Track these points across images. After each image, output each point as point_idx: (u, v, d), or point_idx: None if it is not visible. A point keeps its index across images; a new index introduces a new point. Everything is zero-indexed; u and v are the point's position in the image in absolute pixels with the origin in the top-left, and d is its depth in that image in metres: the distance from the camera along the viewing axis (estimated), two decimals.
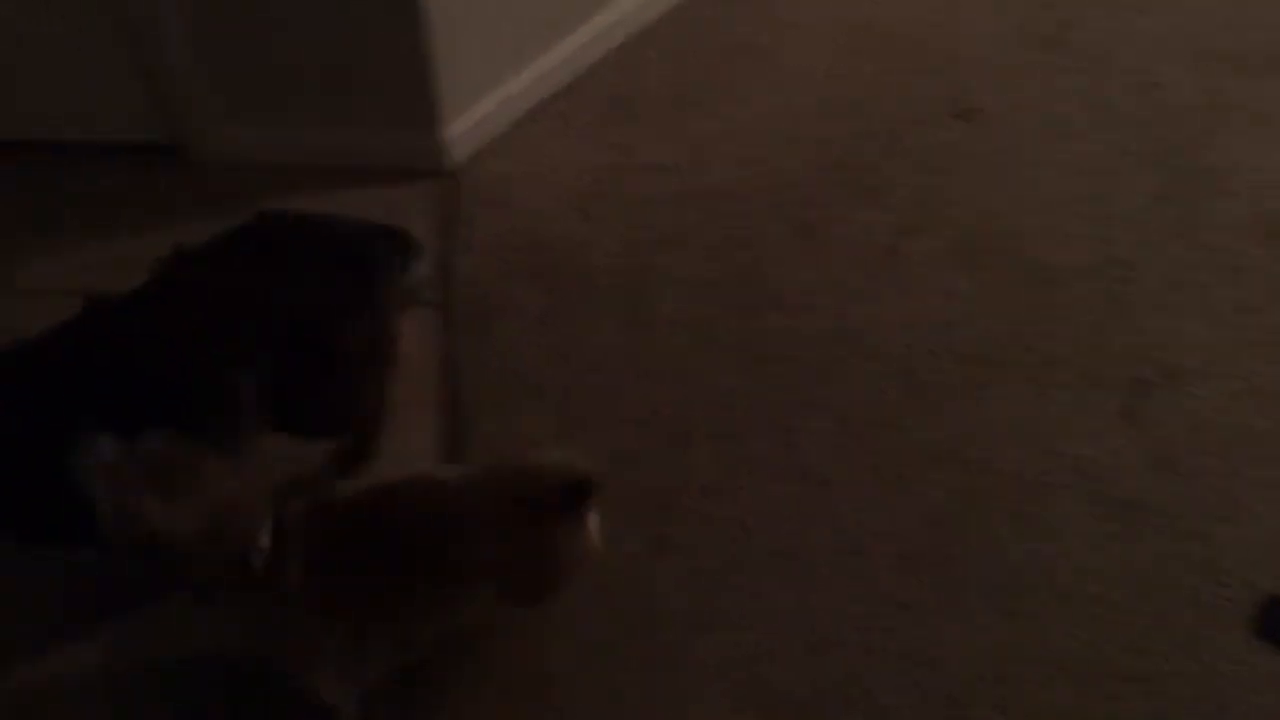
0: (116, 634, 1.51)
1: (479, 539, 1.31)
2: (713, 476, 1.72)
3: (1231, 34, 2.57)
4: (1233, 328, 1.89)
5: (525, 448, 1.63)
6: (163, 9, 1.78)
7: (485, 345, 1.91)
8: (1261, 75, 2.43)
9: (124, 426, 1.16)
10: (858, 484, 1.70)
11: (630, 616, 1.54)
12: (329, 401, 1.58)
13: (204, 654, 1.45)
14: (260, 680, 1.38)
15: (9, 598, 1.57)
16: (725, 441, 1.77)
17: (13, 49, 1.91)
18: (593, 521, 1.38)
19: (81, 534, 1.19)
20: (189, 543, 1.12)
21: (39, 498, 1.36)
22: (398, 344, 1.70)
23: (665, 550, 1.62)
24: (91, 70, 1.94)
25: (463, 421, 1.82)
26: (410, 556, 1.29)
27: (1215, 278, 1.98)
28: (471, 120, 2.11)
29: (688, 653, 1.49)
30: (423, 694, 1.43)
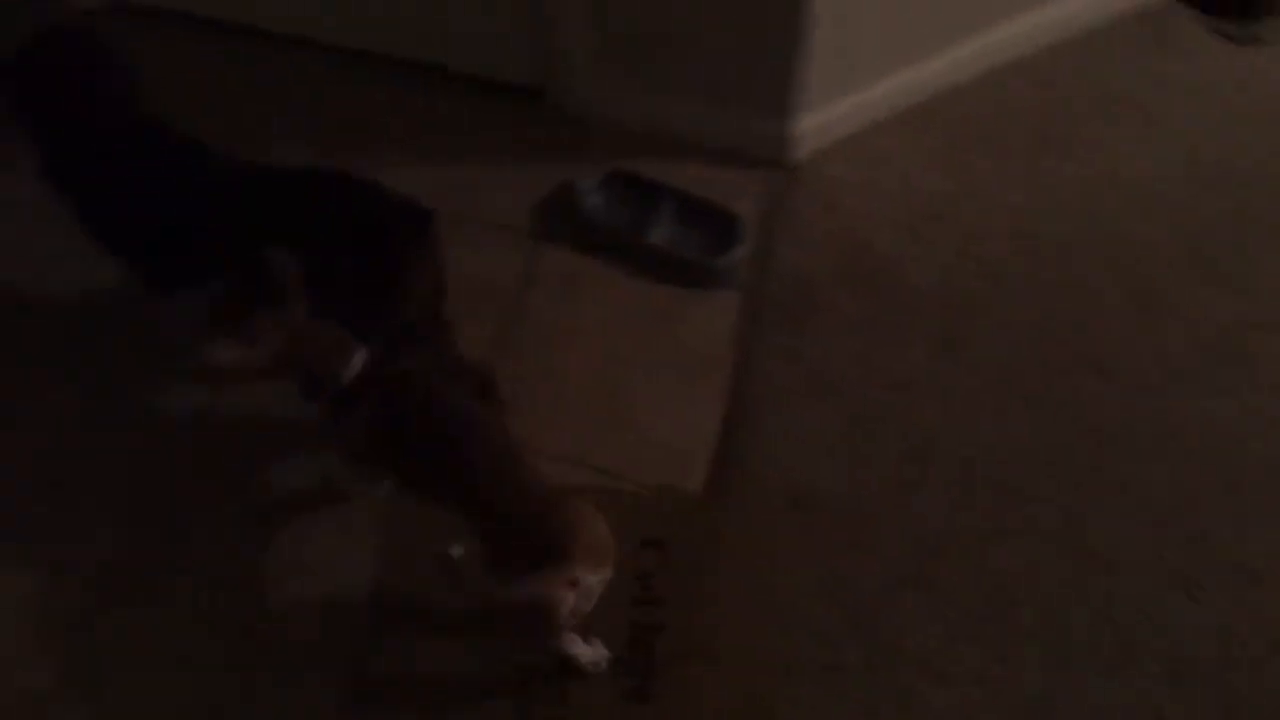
0: None
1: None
2: (986, 527, 1.66)
3: None
4: None
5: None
6: None
7: (789, 339, 1.93)
8: None
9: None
10: (1141, 579, 1.58)
11: (870, 647, 1.51)
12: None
13: None
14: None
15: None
16: (1008, 495, 1.71)
17: None
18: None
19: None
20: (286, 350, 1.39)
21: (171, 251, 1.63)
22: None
23: (920, 587, 1.58)
24: (486, 4, 2.09)
25: (744, 408, 1.85)
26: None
27: None
28: (822, 118, 2.11)
29: (917, 698, 1.45)
30: None
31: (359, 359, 1.41)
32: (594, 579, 1.35)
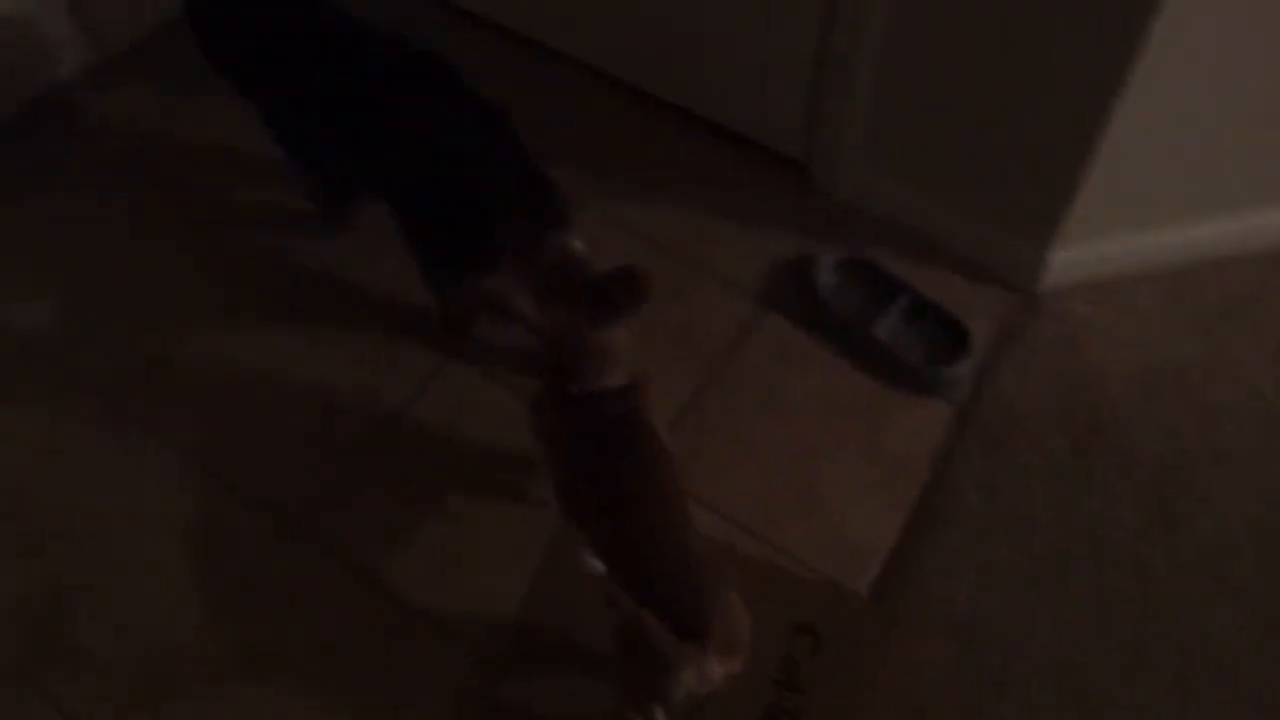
0: None
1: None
2: (1157, 708, 1.56)
3: None
4: None
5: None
6: (865, 48, 1.90)
7: (991, 466, 1.87)
8: None
9: None
10: None
11: None
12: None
13: None
14: None
15: None
16: (1180, 686, 1.60)
17: (718, 21, 2.13)
18: None
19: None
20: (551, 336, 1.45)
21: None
22: None
23: None
24: (771, 71, 2.12)
25: (929, 524, 1.80)
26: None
27: None
28: (1080, 255, 2.05)
29: None
30: None
31: (621, 375, 1.44)
32: (719, 670, 1.32)
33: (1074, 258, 2.07)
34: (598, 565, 1.39)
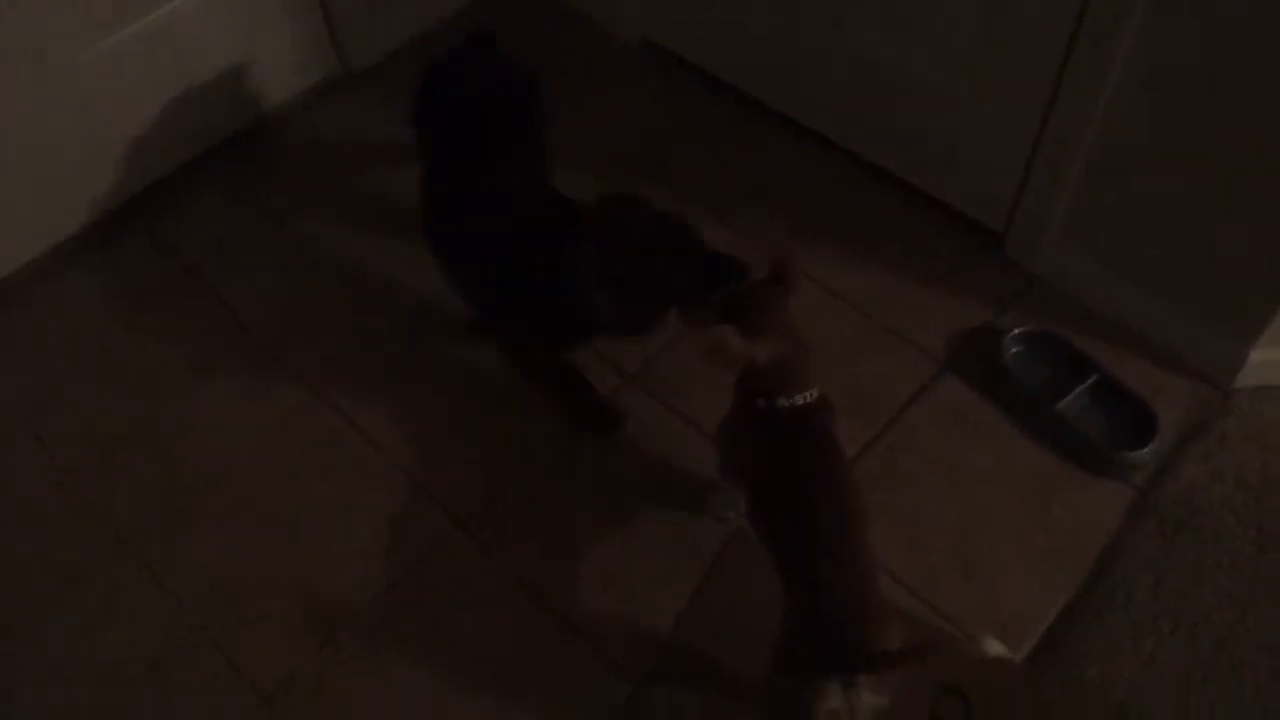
0: None
1: None
2: None
3: None
4: None
5: None
6: (1083, 135, 1.92)
7: (1164, 557, 1.85)
8: None
9: None
10: None
11: None
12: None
13: None
14: None
15: None
16: None
17: (943, 97, 2.16)
18: None
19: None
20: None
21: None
22: None
23: None
24: (988, 149, 2.15)
25: (1093, 605, 1.79)
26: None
27: None
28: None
29: None
30: None
31: (809, 391, 1.51)
32: (870, 700, 1.35)
33: (1274, 358, 2.02)
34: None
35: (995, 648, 1.27)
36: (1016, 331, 2.10)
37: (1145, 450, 1.94)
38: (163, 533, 1.95)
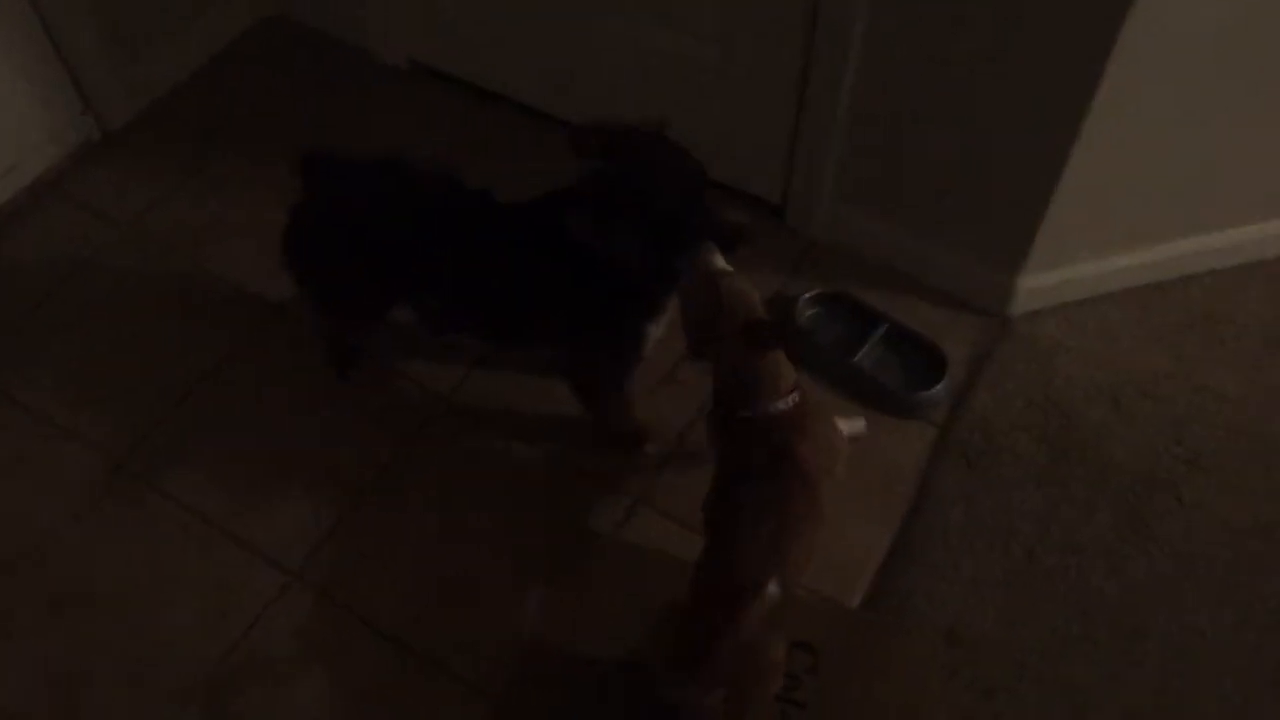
0: None
1: None
2: (1139, 702, 1.64)
3: None
4: None
5: None
6: (838, 93, 2.02)
7: (972, 483, 1.97)
8: None
9: None
10: None
11: None
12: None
13: None
14: None
15: None
16: (1169, 678, 1.67)
17: (698, 80, 2.25)
18: None
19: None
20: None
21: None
22: None
23: None
24: (750, 125, 2.24)
25: (915, 539, 1.89)
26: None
27: None
28: (1050, 280, 2.16)
29: None
30: None
31: (780, 400, 1.58)
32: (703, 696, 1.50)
33: (1044, 283, 2.17)
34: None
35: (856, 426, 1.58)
36: (808, 295, 2.19)
37: (938, 388, 2.07)
38: None
